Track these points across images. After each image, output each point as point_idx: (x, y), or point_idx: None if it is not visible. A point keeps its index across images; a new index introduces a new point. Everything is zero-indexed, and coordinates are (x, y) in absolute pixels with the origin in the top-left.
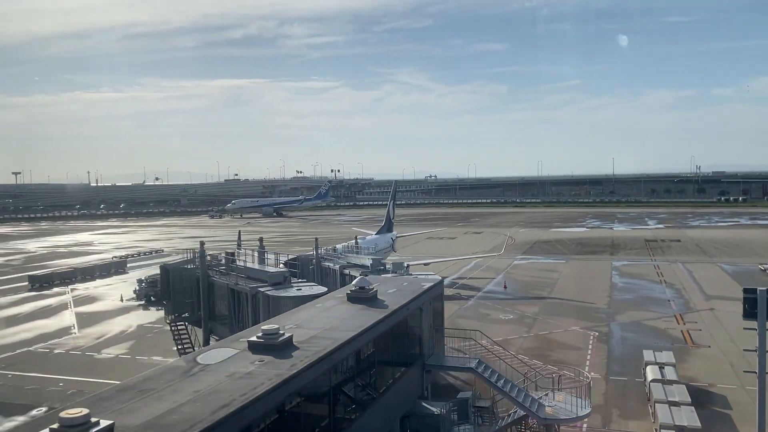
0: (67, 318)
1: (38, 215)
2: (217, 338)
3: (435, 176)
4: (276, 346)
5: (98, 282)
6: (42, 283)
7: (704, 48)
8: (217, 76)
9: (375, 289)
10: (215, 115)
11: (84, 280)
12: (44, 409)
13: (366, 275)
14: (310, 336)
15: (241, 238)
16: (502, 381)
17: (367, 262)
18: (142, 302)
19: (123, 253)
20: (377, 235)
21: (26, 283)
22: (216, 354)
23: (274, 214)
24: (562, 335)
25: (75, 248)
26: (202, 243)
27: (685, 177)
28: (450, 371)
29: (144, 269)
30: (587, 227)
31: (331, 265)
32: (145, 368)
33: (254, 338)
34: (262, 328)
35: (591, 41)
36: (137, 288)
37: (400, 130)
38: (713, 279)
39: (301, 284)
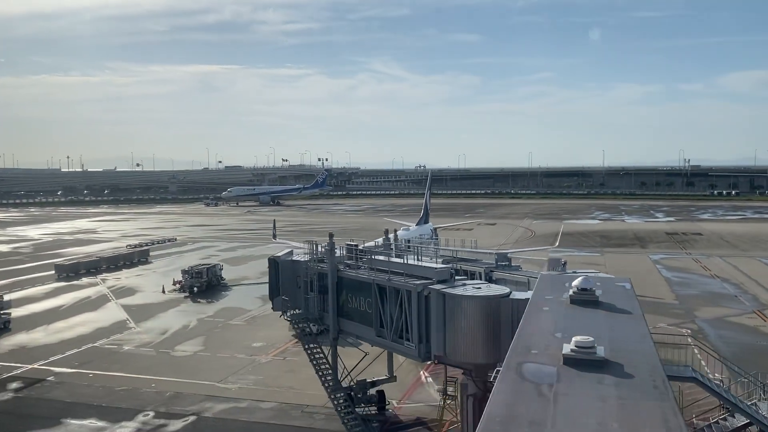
0: (116, 311)
1: (23, 201)
2: (352, 337)
3: (424, 166)
4: (595, 363)
5: (125, 272)
6: (68, 273)
7: (674, 44)
8: (189, 61)
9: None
10: (187, 101)
11: (110, 269)
12: (151, 414)
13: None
14: (614, 350)
15: (276, 228)
16: (721, 389)
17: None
18: (186, 294)
19: (134, 241)
20: (417, 227)
21: (50, 273)
22: (539, 371)
23: (272, 202)
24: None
25: (80, 236)
26: (331, 235)
27: (674, 170)
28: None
29: (166, 259)
30: (598, 219)
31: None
32: (230, 367)
33: (569, 352)
34: (576, 340)
35: (563, 34)
36: (182, 279)
37: (373, 119)
38: (763, 274)
39: (467, 282)
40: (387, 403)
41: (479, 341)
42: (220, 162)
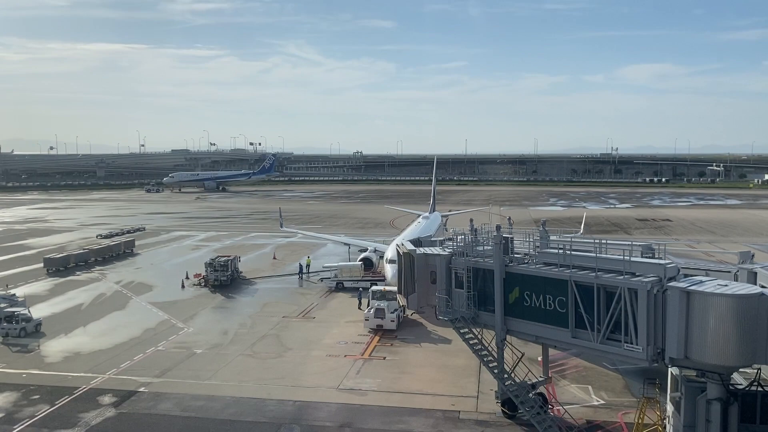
0: (149, 310)
1: None
2: (526, 338)
3: (361, 152)
4: None
5: (119, 265)
6: (59, 267)
7: (578, 36)
8: (92, 39)
9: None
10: (90, 82)
11: (100, 262)
12: (297, 428)
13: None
14: None
15: (282, 216)
16: None
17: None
18: (209, 288)
19: (96, 231)
20: (432, 214)
21: (35, 267)
22: None
23: (218, 188)
24: None
25: (32, 225)
26: (498, 227)
27: (603, 158)
28: None
29: (153, 250)
30: (560, 206)
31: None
32: (333, 370)
33: None
34: None
35: (475, 24)
36: (205, 272)
37: (288, 102)
38: None
39: (703, 279)
40: (550, 405)
41: (732, 342)
42: (142, 146)
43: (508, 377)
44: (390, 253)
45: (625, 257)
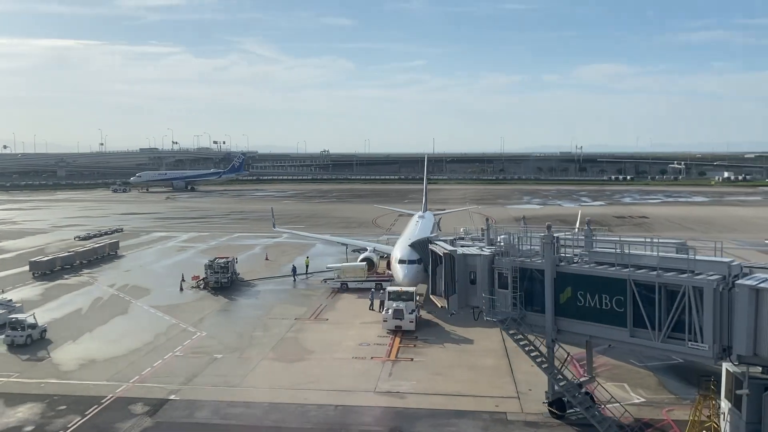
0: (153, 314)
1: None
2: (578, 337)
3: (328, 151)
4: None
5: (107, 268)
6: (45, 270)
7: (536, 36)
8: (41, 35)
9: None
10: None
11: (85, 265)
12: None
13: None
14: None
15: (274, 216)
16: None
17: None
18: (207, 290)
19: (69, 233)
20: (425, 213)
21: (19, 270)
22: None
23: (187, 188)
24: None
25: (2, 227)
26: (549, 226)
27: (567, 156)
28: None
29: (137, 252)
30: (535, 204)
31: None
32: (365, 372)
33: None
34: None
35: (435, 23)
36: (205, 274)
37: (247, 100)
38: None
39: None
40: (597, 404)
41: None
42: (101, 144)
43: (563, 378)
44: (400, 253)
45: (689, 256)
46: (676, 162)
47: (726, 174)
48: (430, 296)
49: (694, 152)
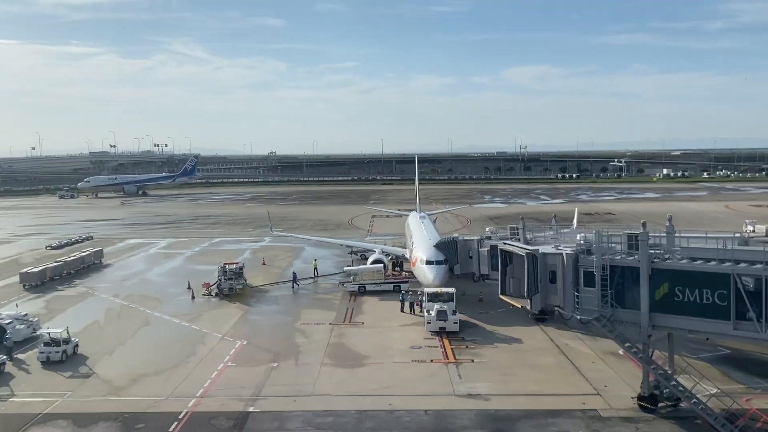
0: (177, 324)
1: None
2: (677, 332)
3: (275, 153)
4: None
5: (95, 277)
6: (36, 282)
7: (465, 38)
8: None
9: None
10: None
11: (75, 275)
12: None
13: None
14: None
15: (271, 219)
16: None
17: None
18: (219, 297)
19: (31, 242)
20: (426, 215)
21: (7, 282)
22: None
23: (138, 192)
24: None
25: None
26: (644, 224)
27: (512, 156)
28: None
29: (124, 260)
30: (499, 203)
31: None
32: (432, 375)
33: None
34: None
35: (365, 24)
36: (218, 281)
37: (176, 102)
38: None
39: None
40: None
41: None
42: (33, 149)
43: (665, 372)
44: (425, 254)
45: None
46: (616, 160)
47: (665, 171)
48: (500, 297)
49: (623, 150)
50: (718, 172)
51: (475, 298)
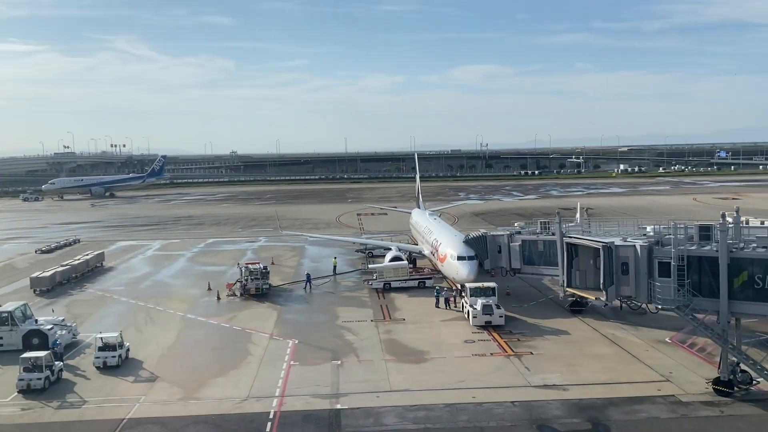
0: (215, 325)
1: None
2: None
3: (236, 152)
4: None
5: (102, 279)
6: (47, 287)
7: (414, 37)
8: None
9: None
10: None
11: (81, 279)
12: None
13: None
14: None
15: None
16: None
17: None
18: (244, 298)
19: (19, 246)
20: (419, 211)
21: (16, 287)
22: None
23: (106, 194)
24: None
25: None
26: (723, 215)
27: (474, 154)
28: None
29: (125, 263)
30: (475, 200)
31: None
32: (498, 368)
33: None
34: None
35: (315, 23)
36: (242, 280)
37: (121, 101)
38: None
39: None
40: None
41: None
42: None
43: (748, 357)
44: (455, 250)
45: None
46: (574, 156)
47: (622, 167)
48: (567, 289)
49: (571, 147)
50: (672, 167)
51: (502, 292)
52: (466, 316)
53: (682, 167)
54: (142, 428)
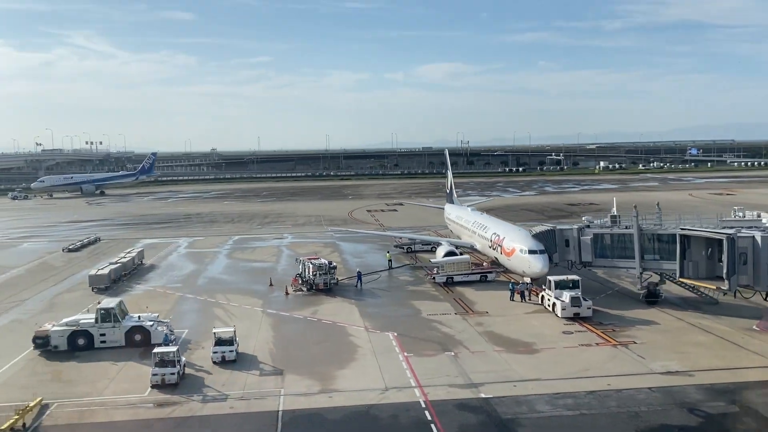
0: (303, 320)
1: None
2: None
3: (216, 149)
4: None
5: (152, 277)
6: (105, 285)
7: (379, 35)
8: None
9: None
10: None
11: (129, 277)
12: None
13: None
14: None
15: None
16: None
17: None
18: (312, 292)
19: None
20: (456, 206)
21: (68, 284)
22: None
23: (97, 192)
24: None
25: None
26: None
27: (455, 151)
28: None
29: (164, 260)
30: (477, 196)
31: None
32: (601, 360)
33: None
34: None
35: (279, 19)
36: (312, 276)
37: (79, 98)
38: None
39: None
40: None
41: None
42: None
43: None
44: (526, 244)
45: None
46: (554, 153)
47: (602, 164)
48: (679, 279)
49: (536, 145)
50: (651, 164)
51: None
52: (550, 308)
53: (661, 164)
54: (308, 420)
